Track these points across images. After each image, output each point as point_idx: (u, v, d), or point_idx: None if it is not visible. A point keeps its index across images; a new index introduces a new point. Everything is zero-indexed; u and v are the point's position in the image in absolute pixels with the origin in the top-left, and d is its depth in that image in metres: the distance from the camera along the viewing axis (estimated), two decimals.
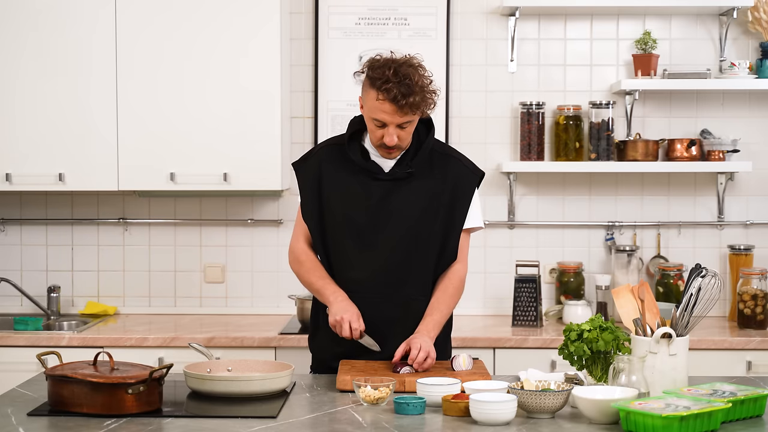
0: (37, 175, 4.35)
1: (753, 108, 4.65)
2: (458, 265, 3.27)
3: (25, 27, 4.31)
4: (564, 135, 4.56)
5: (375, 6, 4.62)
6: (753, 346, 4.10)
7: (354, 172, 3.23)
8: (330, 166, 3.27)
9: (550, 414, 2.61)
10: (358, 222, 3.20)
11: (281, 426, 2.55)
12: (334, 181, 3.25)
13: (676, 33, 4.66)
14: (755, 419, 2.62)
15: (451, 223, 3.24)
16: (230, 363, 3.02)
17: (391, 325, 3.18)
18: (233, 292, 4.71)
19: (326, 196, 3.25)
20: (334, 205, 3.24)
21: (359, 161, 3.23)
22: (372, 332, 3.16)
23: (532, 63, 4.66)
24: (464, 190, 3.26)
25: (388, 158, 3.21)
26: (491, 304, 4.68)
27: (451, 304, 3.25)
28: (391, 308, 3.19)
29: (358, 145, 3.27)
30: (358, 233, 3.21)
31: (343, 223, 3.22)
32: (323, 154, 3.31)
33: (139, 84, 4.32)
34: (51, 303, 4.60)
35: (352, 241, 3.21)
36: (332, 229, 3.24)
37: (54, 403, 2.68)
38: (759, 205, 4.68)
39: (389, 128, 3.12)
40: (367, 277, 3.20)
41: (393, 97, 3.06)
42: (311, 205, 3.27)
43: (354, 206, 3.21)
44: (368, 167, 3.22)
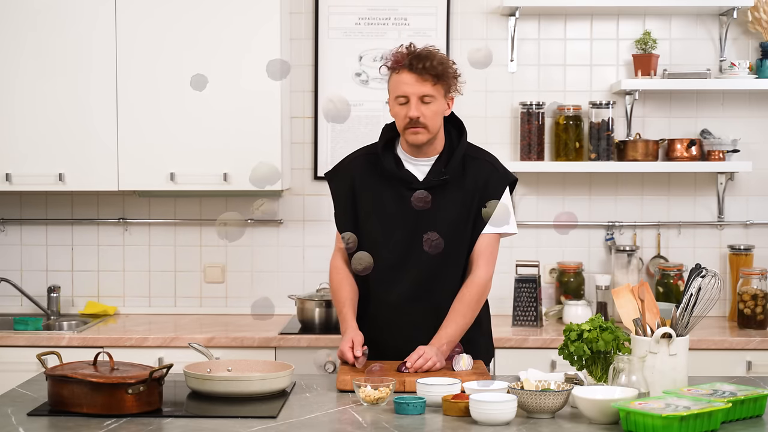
0: (37, 175, 4.35)
1: (753, 108, 4.65)
2: (479, 271, 3.21)
3: (24, 27, 4.31)
4: (564, 135, 4.56)
5: (375, 6, 4.62)
6: (753, 346, 4.10)
7: (388, 182, 3.20)
8: (363, 178, 3.25)
9: (550, 414, 2.61)
10: (394, 233, 3.19)
11: (281, 426, 2.55)
12: (368, 192, 3.24)
13: (676, 33, 4.66)
14: (755, 419, 2.62)
15: (481, 227, 3.22)
16: (230, 363, 3.02)
17: (421, 331, 3.15)
18: (233, 292, 4.70)
19: (360, 208, 3.24)
20: (369, 217, 3.22)
21: (393, 170, 3.20)
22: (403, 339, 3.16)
23: (532, 63, 4.66)
24: (493, 193, 3.21)
25: (416, 142, 3.15)
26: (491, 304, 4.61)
27: (468, 312, 3.18)
28: (423, 315, 3.19)
29: (391, 155, 3.24)
30: (394, 244, 3.20)
31: (378, 235, 3.21)
32: (356, 165, 3.30)
33: (139, 84, 4.32)
34: (51, 303, 4.60)
35: (387, 252, 3.20)
36: (368, 240, 3.23)
37: (54, 403, 2.68)
38: (759, 205, 4.68)
39: (412, 101, 3.10)
40: (401, 286, 3.20)
41: (409, 64, 3.10)
42: (346, 216, 3.27)
43: (389, 217, 3.20)
44: (402, 176, 3.20)
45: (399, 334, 3.19)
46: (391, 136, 3.27)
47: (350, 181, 3.27)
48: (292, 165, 4.63)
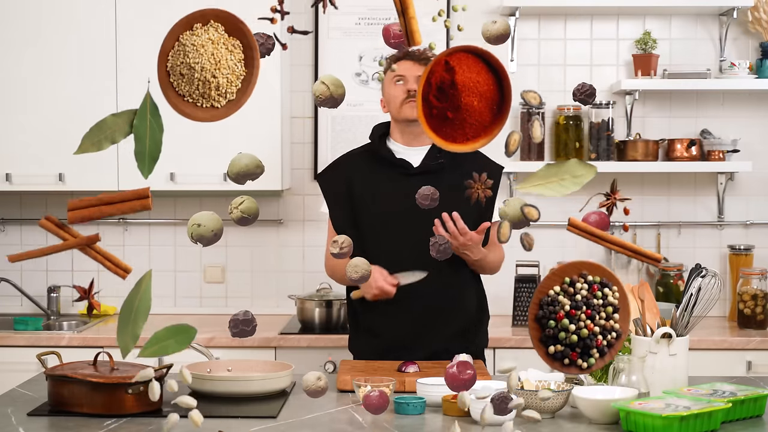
0: (37, 175, 4.35)
1: (753, 108, 4.65)
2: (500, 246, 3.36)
3: (24, 27, 4.30)
4: (564, 135, 4.56)
5: (375, 6, 4.62)
6: (753, 346, 4.10)
7: (384, 173, 3.28)
8: (359, 173, 3.32)
9: (550, 414, 2.61)
10: (394, 219, 3.23)
11: (281, 426, 2.55)
12: (365, 185, 3.30)
13: (676, 33, 4.66)
14: (755, 419, 2.62)
15: (482, 214, 3.26)
16: (230, 363, 3.02)
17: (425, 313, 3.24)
18: (233, 292, 4.71)
19: (359, 201, 3.28)
20: (368, 207, 3.28)
21: (389, 157, 3.29)
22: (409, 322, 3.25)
23: (532, 63, 4.66)
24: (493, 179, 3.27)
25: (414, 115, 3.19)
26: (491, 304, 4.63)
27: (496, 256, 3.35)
28: (426, 298, 3.25)
29: (385, 148, 3.33)
30: (395, 230, 3.24)
31: (378, 222, 3.25)
32: (349, 163, 3.37)
33: (139, 84, 4.30)
34: (51, 303, 4.60)
35: (388, 239, 3.24)
36: (368, 230, 3.26)
37: (54, 403, 2.68)
38: (759, 205, 4.67)
39: (409, 78, 3.23)
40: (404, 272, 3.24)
41: (409, 54, 3.23)
42: (343, 213, 3.32)
43: (389, 205, 3.26)
44: (399, 163, 3.28)
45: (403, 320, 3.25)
46: (384, 132, 3.35)
47: (345, 178, 3.32)
48: (292, 165, 4.63)
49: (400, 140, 3.33)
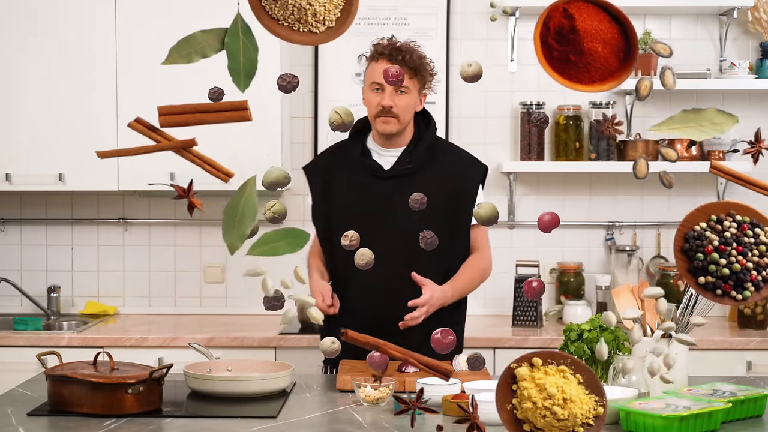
0: (37, 175, 4.35)
1: (753, 108, 4.65)
2: (477, 253, 3.33)
3: (25, 27, 4.31)
4: (564, 135, 4.56)
5: (375, 6, 4.62)
6: (753, 346, 4.10)
7: (357, 174, 3.28)
8: (334, 171, 3.33)
9: None
10: (364, 222, 3.20)
11: (281, 426, 2.55)
12: (338, 186, 3.32)
13: (676, 33, 4.66)
14: (755, 419, 2.62)
15: (458, 218, 3.24)
16: (230, 363, 3.02)
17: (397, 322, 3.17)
18: (233, 292, 4.71)
19: (332, 201, 3.30)
20: (340, 208, 3.29)
21: (359, 159, 3.28)
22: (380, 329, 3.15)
23: (532, 63, 4.66)
24: (467, 184, 3.29)
25: (385, 131, 3.23)
26: (491, 304, 4.67)
27: (472, 276, 3.30)
28: (398, 305, 3.19)
29: (359, 145, 3.32)
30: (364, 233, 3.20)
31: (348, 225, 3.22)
32: (327, 160, 3.40)
33: (139, 84, 4.32)
34: (51, 303, 4.60)
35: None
36: (338, 230, 3.25)
37: (54, 403, 2.68)
38: (759, 205, 4.63)
39: (387, 89, 3.19)
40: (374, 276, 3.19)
41: (389, 54, 3.19)
42: (319, 208, 3.34)
43: (359, 206, 3.25)
44: (369, 165, 3.27)
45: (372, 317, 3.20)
46: (361, 127, 3.34)
47: (323, 176, 3.35)
48: (292, 165, 4.63)
49: (378, 140, 3.33)
